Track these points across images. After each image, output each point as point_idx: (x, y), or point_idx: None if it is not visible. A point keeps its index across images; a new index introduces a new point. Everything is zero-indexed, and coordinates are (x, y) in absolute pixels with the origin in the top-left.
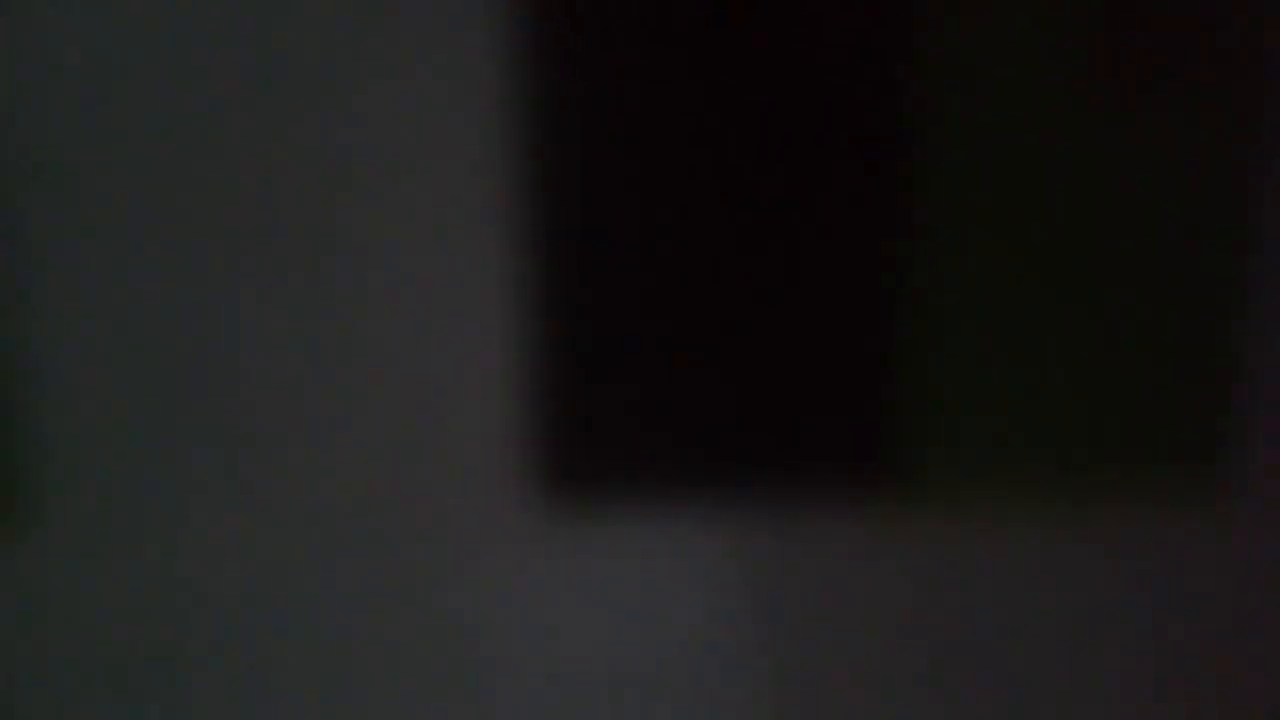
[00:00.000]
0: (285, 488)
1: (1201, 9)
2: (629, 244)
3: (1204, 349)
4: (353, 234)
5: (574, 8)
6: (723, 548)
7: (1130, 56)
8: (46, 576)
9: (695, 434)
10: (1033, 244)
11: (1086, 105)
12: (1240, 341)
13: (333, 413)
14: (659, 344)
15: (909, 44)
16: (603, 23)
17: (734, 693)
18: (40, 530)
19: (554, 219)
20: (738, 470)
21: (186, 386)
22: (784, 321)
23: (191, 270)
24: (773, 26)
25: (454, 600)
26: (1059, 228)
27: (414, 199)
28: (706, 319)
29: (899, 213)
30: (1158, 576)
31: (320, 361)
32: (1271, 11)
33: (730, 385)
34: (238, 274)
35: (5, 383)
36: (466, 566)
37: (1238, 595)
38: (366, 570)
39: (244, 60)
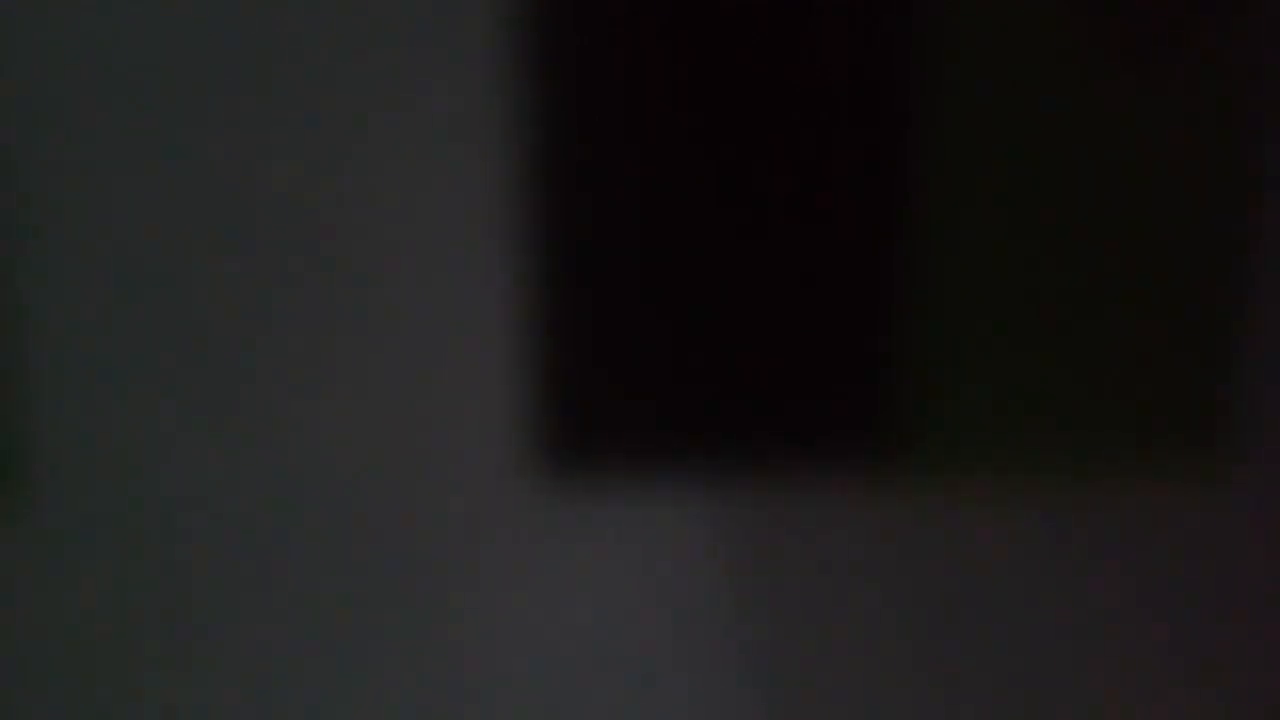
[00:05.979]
0: (285, 461)
1: None
2: (625, 219)
3: (1206, 324)
4: (351, 213)
5: (575, 6)
6: (721, 520)
7: (1133, 34)
8: (37, 568)
9: (693, 408)
10: (1033, 218)
11: (1085, 77)
12: (1242, 317)
13: (334, 389)
14: (656, 320)
15: (907, 18)
16: (603, 19)
17: (730, 664)
18: (31, 528)
19: (550, 200)
20: (736, 444)
21: (186, 368)
22: (781, 295)
23: (192, 256)
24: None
25: (452, 573)
26: (1060, 202)
27: (415, 182)
28: (701, 294)
29: (897, 185)
30: (1157, 550)
31: (321, 340)
32: None
33: (727, 360)
34: (240, 258)
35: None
36: (465, 540)
37: (1238, 571)
38: (366, 545)
39: (246, 57)
